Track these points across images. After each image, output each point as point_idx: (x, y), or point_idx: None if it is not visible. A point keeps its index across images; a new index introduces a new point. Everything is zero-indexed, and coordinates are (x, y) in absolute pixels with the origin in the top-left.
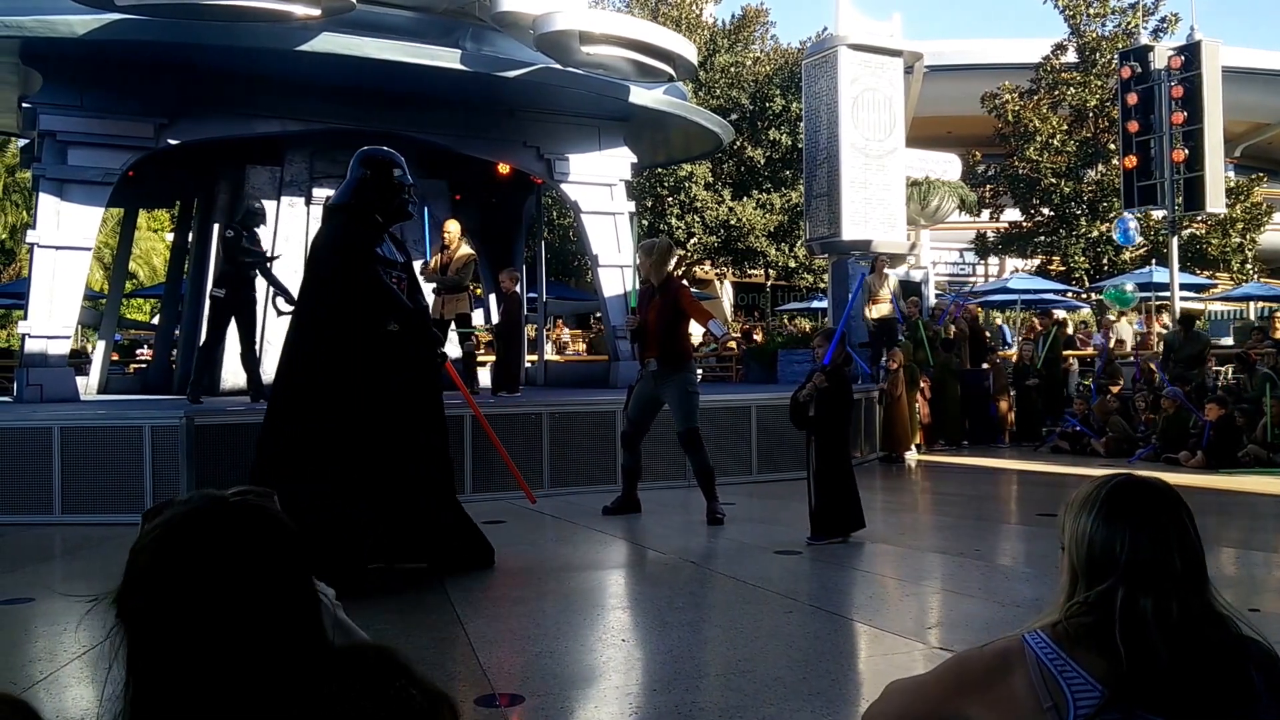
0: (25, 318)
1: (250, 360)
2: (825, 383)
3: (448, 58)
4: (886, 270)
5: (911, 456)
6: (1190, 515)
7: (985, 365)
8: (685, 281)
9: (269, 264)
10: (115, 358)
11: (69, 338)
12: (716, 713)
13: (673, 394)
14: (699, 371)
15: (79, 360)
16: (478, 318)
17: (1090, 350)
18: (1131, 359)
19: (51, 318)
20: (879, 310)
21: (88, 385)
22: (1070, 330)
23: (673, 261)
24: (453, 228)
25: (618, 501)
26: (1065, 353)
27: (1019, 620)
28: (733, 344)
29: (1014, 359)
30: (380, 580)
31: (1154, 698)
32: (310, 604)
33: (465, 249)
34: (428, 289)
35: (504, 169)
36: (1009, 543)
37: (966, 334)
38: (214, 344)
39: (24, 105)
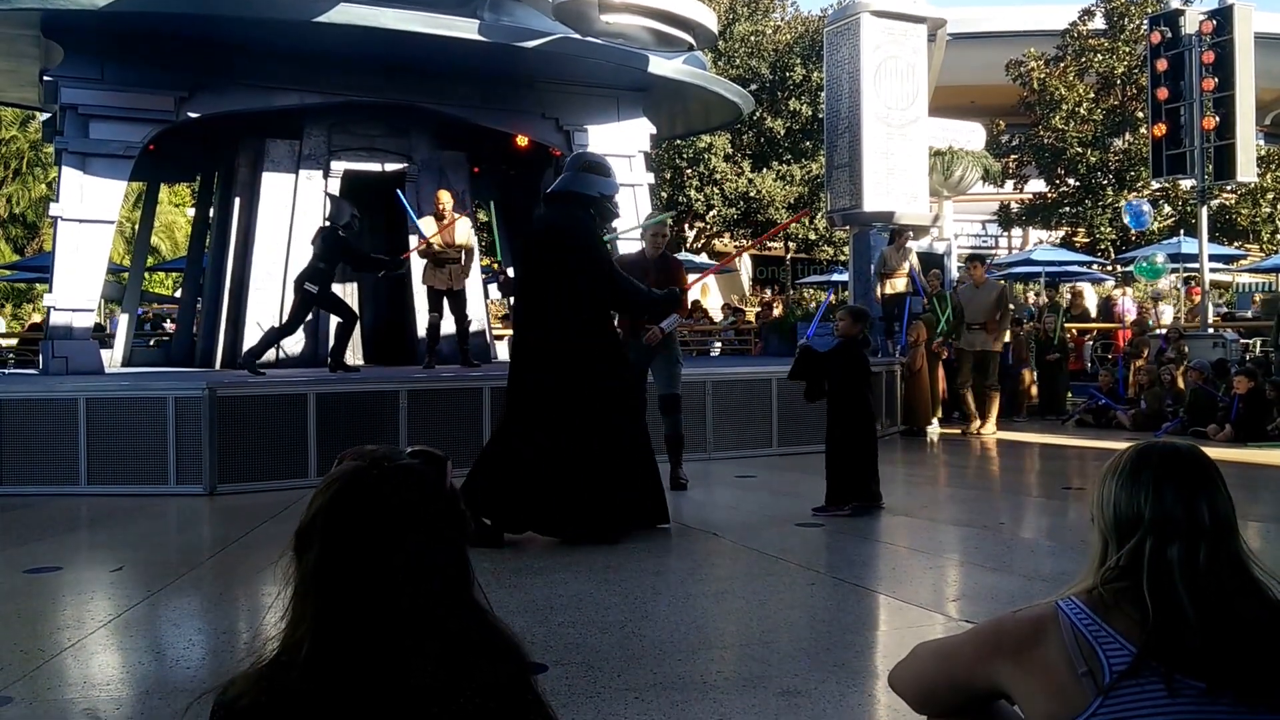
0: (50, 291)
1: (347, 334)
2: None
3: (465, 28)
4: (909, 244)
5: (933, 430)
6: (1219, 475)
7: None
8: (705, 254)
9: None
10: (174, 326)
11: (93, 310)
12: (739, 682)
13: (664, 361)
14: (718, 345)
15: (100, 334)
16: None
17: (1116, 322)
18: (1159, 332)
19: (76, 291)
20: (893, 286)
21: (112, 358)
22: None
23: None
24: (446, 198)
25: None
26: (1080, 325)
27: (1042, 593)
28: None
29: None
30: None
31: (1190, 661)
32: (450, 567)
33: (463, 217)
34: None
35: (522, 141)
36: (1032, 516)
37: None
38: (291, 329)
39: (45, 79)
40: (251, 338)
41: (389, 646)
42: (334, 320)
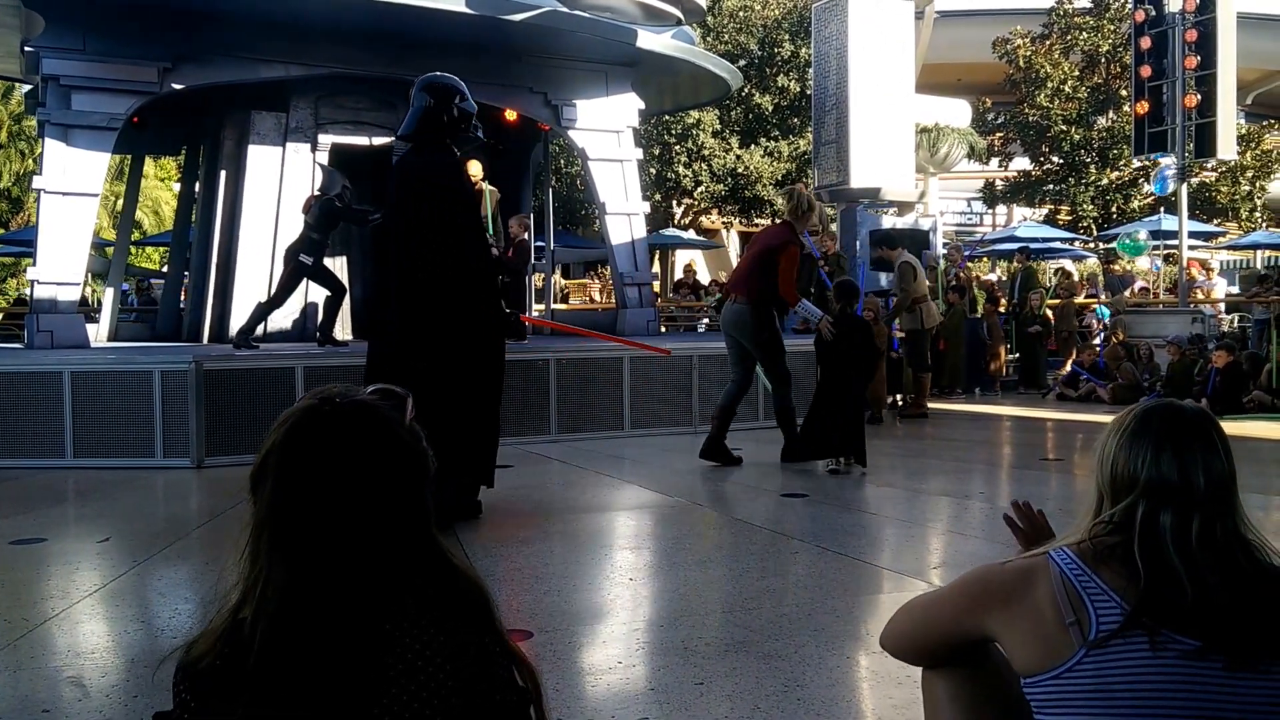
0: (34, 265)
1: (335, 308)
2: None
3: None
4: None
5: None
6: (1223, 438)
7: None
8: (692, 230)
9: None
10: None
11: (78, 284)
12: (721, 647)
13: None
14: (705, 321)
15: (87, 309)
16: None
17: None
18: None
19: (60, 264)
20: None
21: (97, 332)
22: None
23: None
24: (476, 169)
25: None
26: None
27: None
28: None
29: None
30: None
31: (1182, 619)
32: (409, 506)
33: (488, 187)
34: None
35: (511, 115)
36: (1013, 486)
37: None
38: (280, 301)
39: (26, 49)
40: (239, 312)
41: (344, 586)
42: (322, 294)
